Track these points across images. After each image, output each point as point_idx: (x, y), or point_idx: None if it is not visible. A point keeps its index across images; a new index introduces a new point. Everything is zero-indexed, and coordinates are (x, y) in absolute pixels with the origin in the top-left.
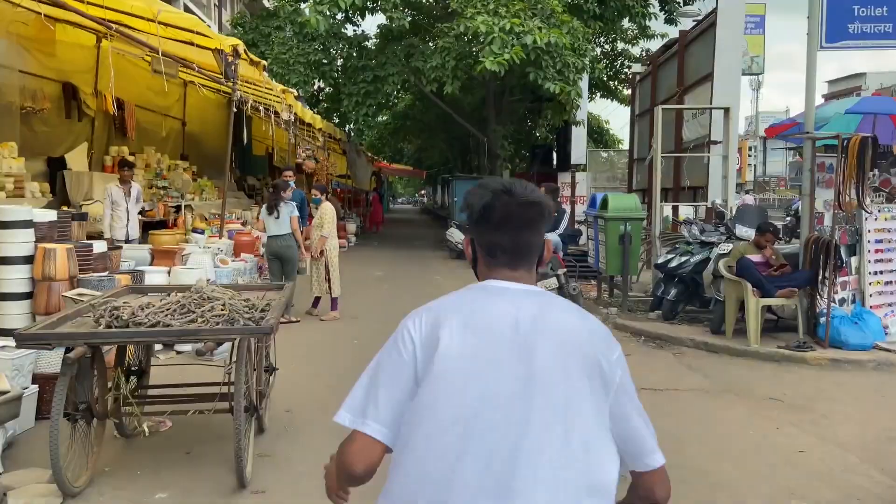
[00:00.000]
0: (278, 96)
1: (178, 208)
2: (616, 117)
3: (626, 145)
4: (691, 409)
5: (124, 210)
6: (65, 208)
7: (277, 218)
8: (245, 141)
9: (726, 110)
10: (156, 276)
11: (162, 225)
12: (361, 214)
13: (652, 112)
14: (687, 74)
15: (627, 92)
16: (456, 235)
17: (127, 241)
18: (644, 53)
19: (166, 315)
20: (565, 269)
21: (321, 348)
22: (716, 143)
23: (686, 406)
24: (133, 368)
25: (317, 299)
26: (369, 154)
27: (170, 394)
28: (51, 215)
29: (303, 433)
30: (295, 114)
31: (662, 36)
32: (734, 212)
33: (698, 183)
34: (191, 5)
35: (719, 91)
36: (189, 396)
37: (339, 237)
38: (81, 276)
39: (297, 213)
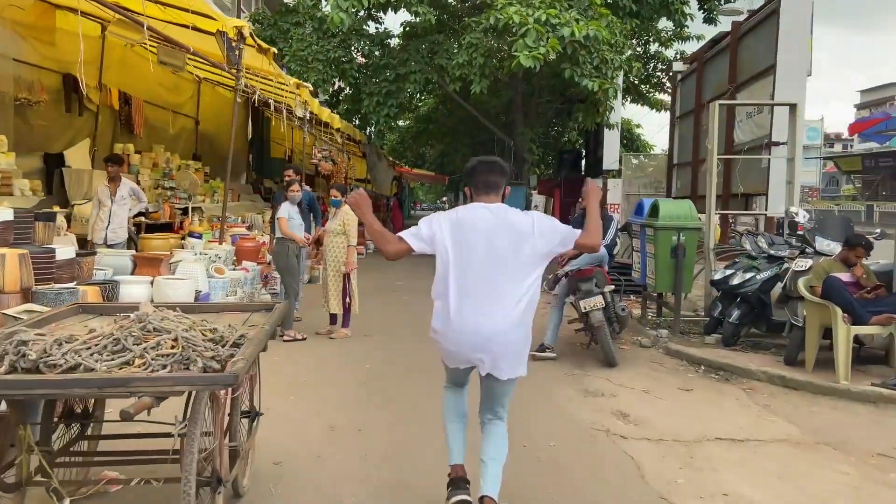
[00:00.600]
0: (292, 91)
1: (185, 210)
2: (646, 123)
3: (656, 151)
4: (785, 469)
5: (108, 211)
6: (57, 208)
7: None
8: (248, 136)
9: (792, 107)
10: (135, 287)
11: (167, 228)
12: (381, 220)
13: (697, 113)
14: (740, 70)
15: (660, 96)
16: None
17: (108, 245)
18: (678, 56)
19: (92, 354)
20: (613, 287)
21: (326, 375)
22: (778, 144)
23: (777, 465)
24: (77, 411)
25: (333, 317)
26: (390, 158)
27: (113, 450)
28: (6, 214)
29: (295, 497)
30: (310, 111)
31: (698, 38)
32: (804, 220)
33: (754, 189)
34: (212, 6)
35: (783, 86)
36: (138, 455)
37: (359, 243)
38: (38, 287)
39: (285, 215)
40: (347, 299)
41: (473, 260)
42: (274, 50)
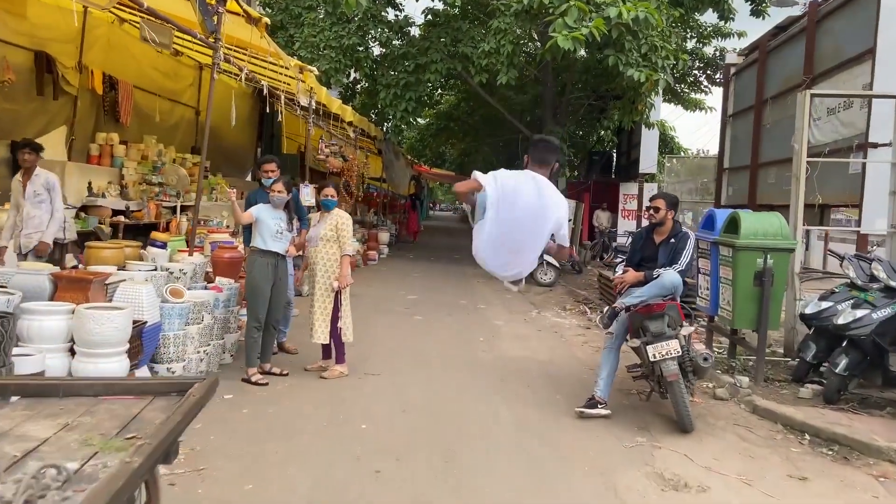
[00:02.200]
0: (294, 77)
1: (176, 210)
2: (678, 125)
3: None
4: None
5: (20, 209)
6: (7, 206)
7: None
8: (256, 130)
9: None
10: (47, 321)
11: (152, 228)
12: (398, 221)
13: (757, 110)
14: (819, 57)
15: (696, 96)
16: None
17: (22, 256)
18: (718, 53)
19: None
20: (693, 328)
21: (306, 449)
22: (877, 145)
23: None
24: None
25: (326, 348)
26: (409, 157)
27: None
28: None
29: None
30: (317, 101)
31: (740, 35)
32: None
33: (839, 199)
34: None
35: (885, 74)
36: None
37: (370, 248)
38: None
39: (255, 218)
40: (339, 324)
41: (509, 218)
42: (266, 20)
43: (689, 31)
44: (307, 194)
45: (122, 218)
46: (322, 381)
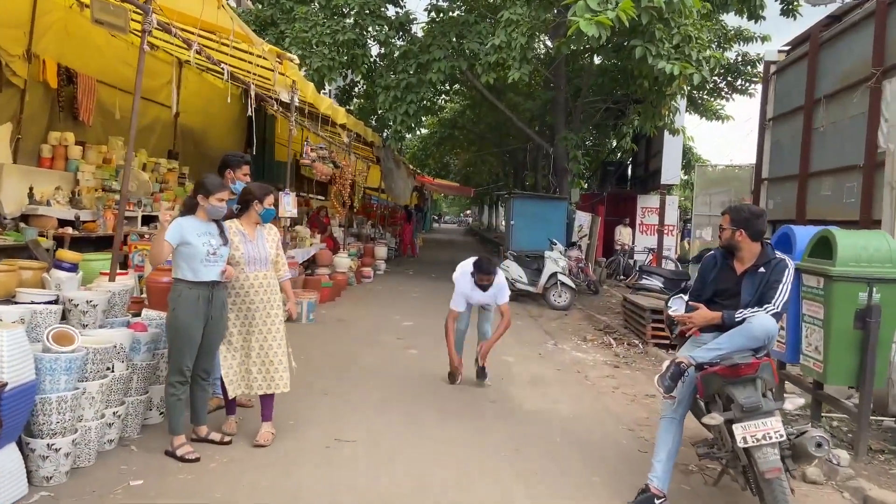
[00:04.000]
0: (270, 65)
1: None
2: (696, 136)
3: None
4: None
5: None
6: None
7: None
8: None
9: None
10: None
11: (105, 243)
12: (398, 234)
13: (807, 110)
14: (894, 45)
15: (716, 103)
16: (513, 270)
17: None
18: (740, 58)
19: None
20: (802, 402)
21: None
22: None
23: None
24: None
25: (231, 403)
26: (411, 167)
27: None
28: None
29: None
30: (301, 97)
31: (764, 38)
32: None
33: None
34: None
35: None
36: None
37: (365, 264)
38: None
39: (174, 239)
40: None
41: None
42: None
43: (713, 33)
44: (288, 203)
45: (69, 230)
46: (273, 455)
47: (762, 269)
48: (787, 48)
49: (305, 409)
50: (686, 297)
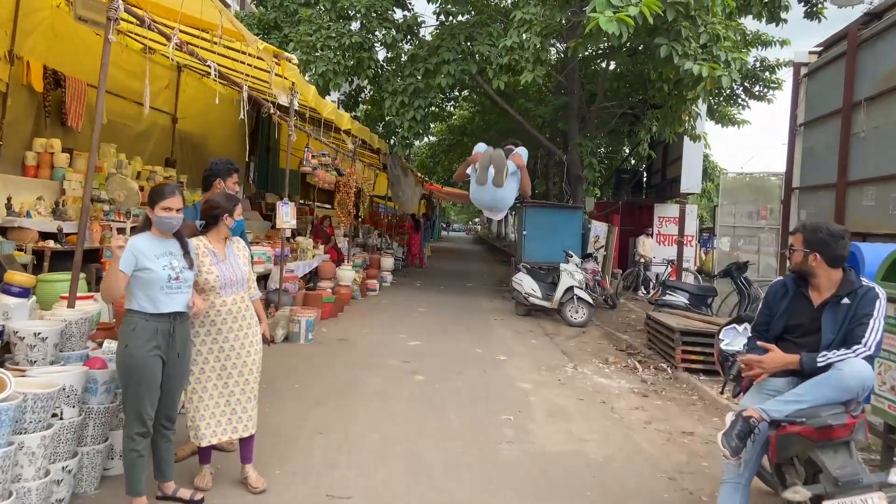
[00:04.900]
0: (266, 66)
1: (124, 230)
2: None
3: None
4: None
5: None
6: None
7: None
8: (246, 141)
9: None
10: None
11: (91, 257)
12: (406, 244)
13: (846, 113)
14: None
15: (732, 109)
16: (526, 284)
17: None
18: (758, 63)
19: None
20: None
21: None
22: None
23: None
24: None
25: (205, 451)
26: (419, 175)
27: None
28: None
29: None
30: (301, 100)
31: (783, 43)
32: None
33: None
34: None
35: None
36: None
37: (370, 276)
38: None
39: (128, 267)
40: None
41: None
42: None
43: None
44: (286, 214)
45: (49, 243)
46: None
47: (846, 301)
48: (818, 49)
49: (296, 452)
50: (738, 328)
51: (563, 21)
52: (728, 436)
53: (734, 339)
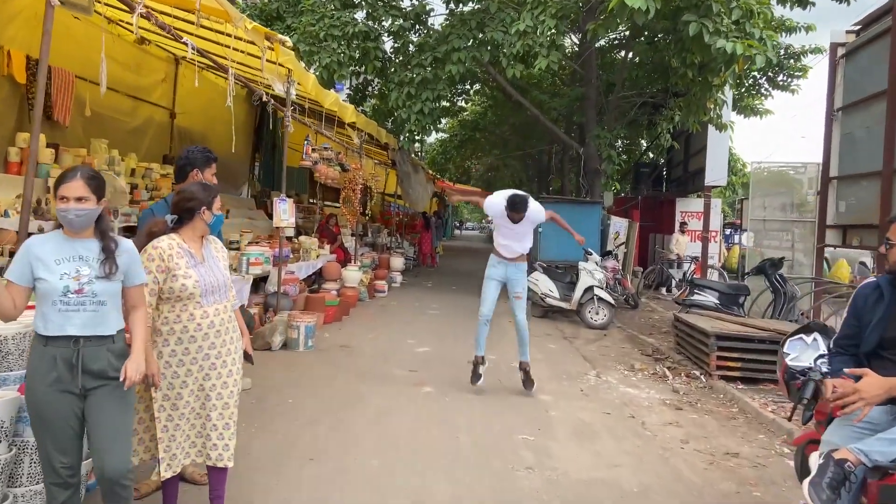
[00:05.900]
0: (256, 50)
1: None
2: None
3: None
4: None
5: None
6: None
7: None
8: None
9: None
10: None
11: None
12: (417, 243)
13: (892, 96)
14: None
15: (755, 100)
16: (543, 284)
17: None
18: (783, 50)
19: None
20: None
21: None
22: None
23: None
24: None
25: (171, 489)
26: (430, 172)
27: None
28: None
29: None
30: (299, 91)
31: (808, 29)
32: None
33: None
34: None
35: None
36: None
37: (378, 277)
38: None
39: (17, 277)
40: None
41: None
42: None
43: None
44: (284, 212)
45: None
46: None
47: None
48: (856, 27)
49: (280, 484)
50: (807, 339)
51: (580, 2)
52: (817, 486)
53: (802, 353)
